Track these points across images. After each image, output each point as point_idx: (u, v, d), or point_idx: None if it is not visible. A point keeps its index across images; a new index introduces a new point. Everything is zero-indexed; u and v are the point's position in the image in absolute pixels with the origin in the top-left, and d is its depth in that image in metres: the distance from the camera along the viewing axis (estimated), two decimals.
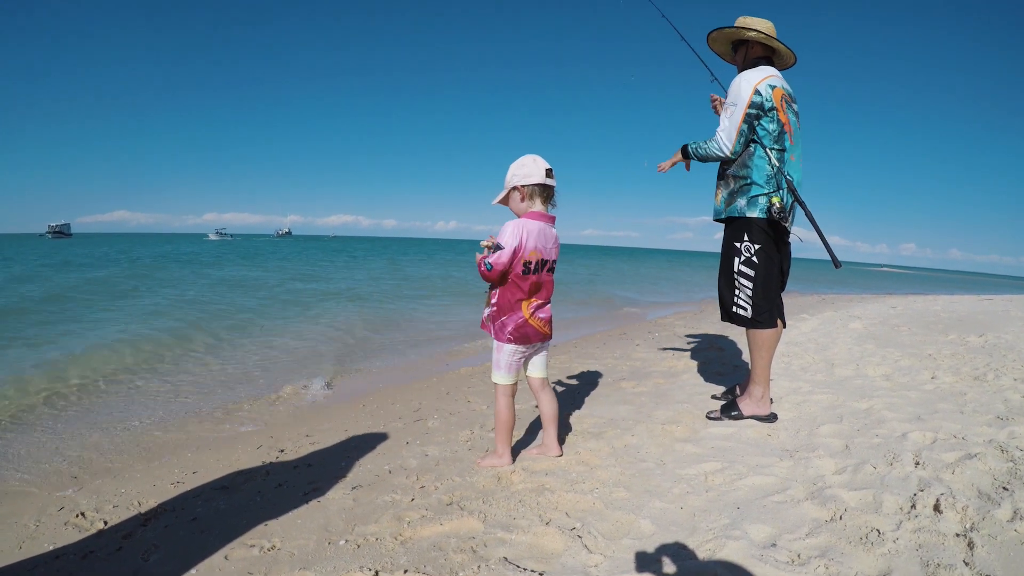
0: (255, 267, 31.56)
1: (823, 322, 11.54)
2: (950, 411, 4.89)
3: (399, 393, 6.57)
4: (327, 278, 25.44)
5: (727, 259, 4.57)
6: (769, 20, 4.46)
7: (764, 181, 4.31)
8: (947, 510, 3.02)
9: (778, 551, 2.69)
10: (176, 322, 11.80)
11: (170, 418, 5.73)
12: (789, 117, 4.38)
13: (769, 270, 4.43)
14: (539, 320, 3.68)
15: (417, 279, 27.16)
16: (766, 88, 4.24)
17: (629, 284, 27.98)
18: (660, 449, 4.05)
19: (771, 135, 4.29)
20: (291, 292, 18.68)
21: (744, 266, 4.44)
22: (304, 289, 19.94)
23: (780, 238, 4.48)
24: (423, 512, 3.17)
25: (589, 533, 2.88)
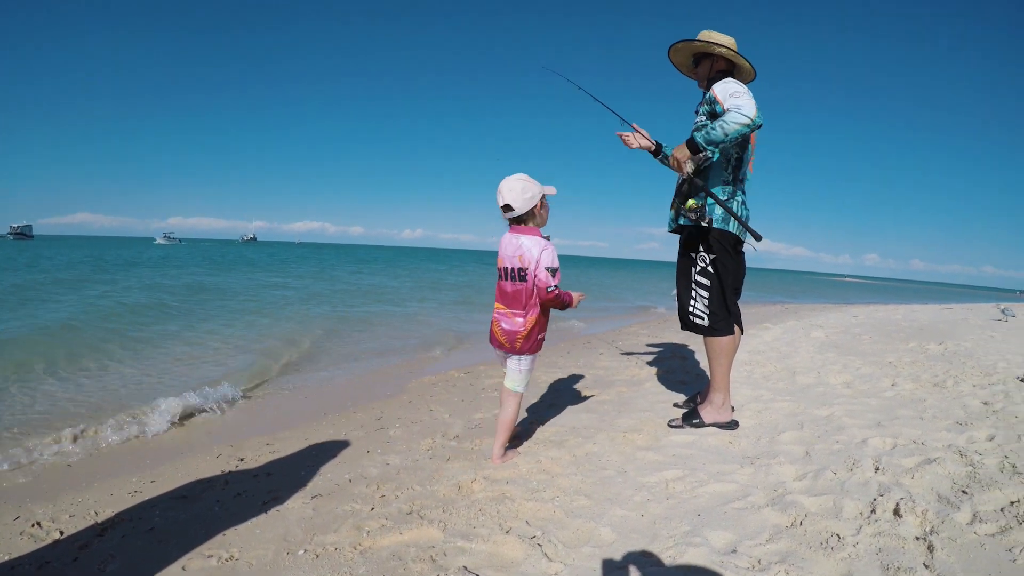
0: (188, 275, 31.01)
1: (786, 331, 11.69)
2: (910, 417, 4.99)
3: (361, 402, 6.52)
4: (286, 285, 25.14)
5: (684, 269, 4.67)
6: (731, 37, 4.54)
7: (719, 191, 4.40)
8: (907, 514, 3.08)
9: (738, 557, 2.72)
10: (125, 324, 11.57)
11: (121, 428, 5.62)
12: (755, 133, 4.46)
13: (725, 279, 4.52)
14: (496, 326, 3.97)
15: (382, 287, 26.97)
16: None
17: (596, 293, 28.08)
18: (622, 457, 4.09)
19: (736, 143, 4.35)
20: (251, 298, 18.41)
21: (700, 276, 4.54)
22: (267, 295, 19.66)
23: (735, 247, 4.57)
24: (383, 521, 3.17)
25: (549, 541, 2.90)
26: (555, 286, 3.77)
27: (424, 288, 26.90)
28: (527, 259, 3.77)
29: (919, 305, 26.97)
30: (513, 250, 3.82)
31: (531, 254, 3.76)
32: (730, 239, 4.47)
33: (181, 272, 29.53)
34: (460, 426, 5.03)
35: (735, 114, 3.98)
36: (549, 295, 3.77)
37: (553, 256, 3.79)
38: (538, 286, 3.79)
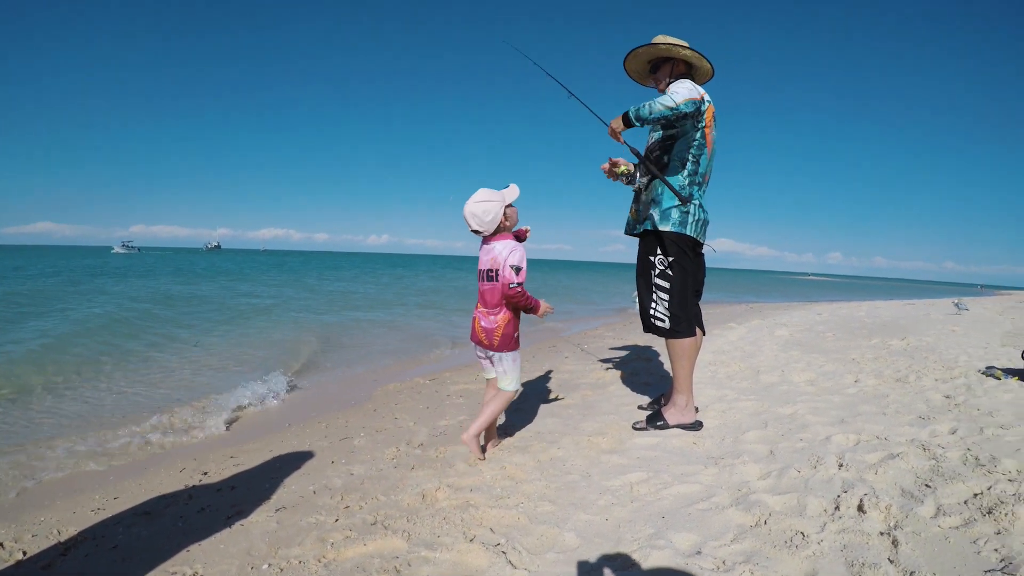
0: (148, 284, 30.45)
1: (750, 330, 11.79)
2: (873, 413, 5.04)
3: (326, 411, 6.46)
4: (252, 293, 24.86)
5: (643, 272, 4.70)
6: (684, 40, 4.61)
7: (676, 194, 4.43)
8: (871, 510, 3.11)
9: (703, 558, 2.72)
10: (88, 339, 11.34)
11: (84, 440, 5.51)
12: (714, 135, 4.55)
13: (684, 281, 4.56)
14: (477, 324, 4.24)
15: (347, 294, 26.78)
16: (707, 101, 4.43)
17: (563, 295, 28.14)
18: (586, 461, 4.08)
19: (692, 145, 4.44)
20: (216, 307, 18.16)
21: (659, 279, 4.57)
22: (229, 304, 19.40)
23: (694, 249, 4.61)
24: (347, 533, 3.14)
25: (514, 548, 2.88)
26: (518, 283, 4.01)
27: (393, 293, 26.81)
28: (498, 260, 4.05)
29: (882, 301, 27.38)
30: (488, 255, 4.12)
31: (501, 256, 4.04)
32: (688, 242, 4.51)
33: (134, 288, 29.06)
34: (425, 434, 5.00)
35: (665, 97, 4.21)
36: (511, 291, 4.02)
37: (520, 257, 4.06)
38: (502, 282, 4.04)
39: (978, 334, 11.74)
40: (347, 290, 29.00)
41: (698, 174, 4.49)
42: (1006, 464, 3.74)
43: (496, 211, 4.01)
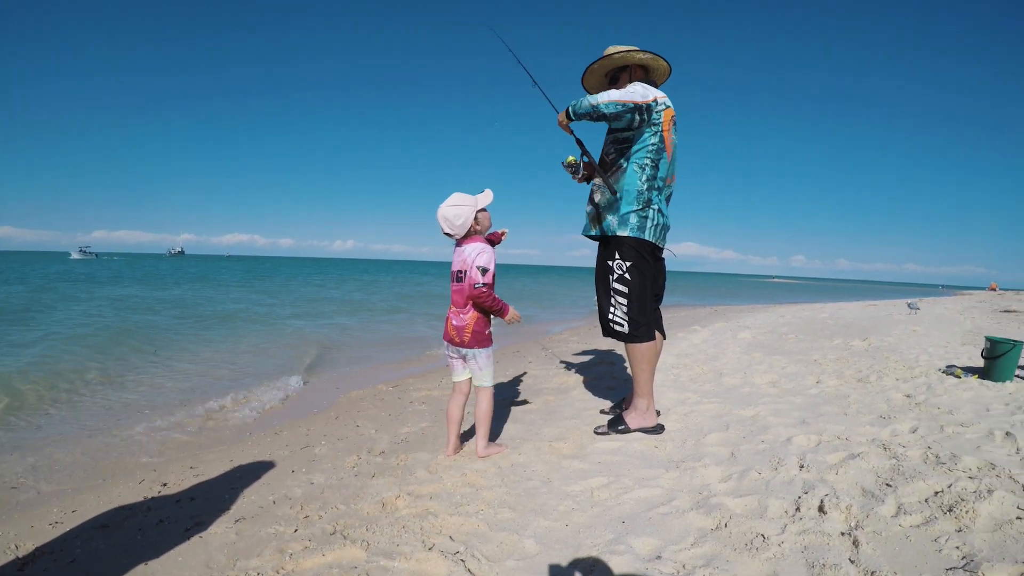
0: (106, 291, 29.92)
1: (714, 333, 11.87)
2: (834, 413, 5.08)
3: (287, 419, 6.37)
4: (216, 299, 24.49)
5: (602, 277, 4.70)
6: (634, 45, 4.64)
7: (633, 198, 4.46)
8: (831, 510, 3.12)
9: (663, 563, 2.70)
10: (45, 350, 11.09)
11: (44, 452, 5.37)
12: (673, 139, 4.55)
13: (643, 286, 4.57)
14: (449, 323, 4.32)
15: (310, 299, 26.54)
16: (661, 104, 4.42)
17: (528, 300, 28.10)
18: (547, 467, 4.05)
19: (649, 150, 4.44)
20: (170, 316, 17.86)
21: (618, 283, 4.57)
22: (186, 311, 19.09)
23: (653, 253, 4.63)
24: (306, 543, 3.09)
25: (473, 556, 2.84)
26: (483, 283, 4.08)
27: (348, 301, 26.58)
28: (467, 262, 4.15)
29: (844, 303, 27.73)
30: (459, 257, 4.23)
31: (470, 257, 4.14)
32: (646, 246, 4.53)
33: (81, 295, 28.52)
34: (386, 441, 4.94)
35: (592, 96, 4.37)
36: (476, 291, 4.08)
37: (487, 259, 4.15)
38: (468, 282, 4.13)
39: (939, 334, 11.92)
40: (316, 296, 28.73)
41: (657, 178, 4.49)
42: (967, 461, 3.78)
43: (467, 215, 4.10)
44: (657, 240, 4.54)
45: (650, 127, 4.41)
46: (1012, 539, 2.77)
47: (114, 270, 54.46)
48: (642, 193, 4.45)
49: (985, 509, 3.06)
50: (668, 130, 4.47)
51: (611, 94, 4.33)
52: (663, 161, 4.49)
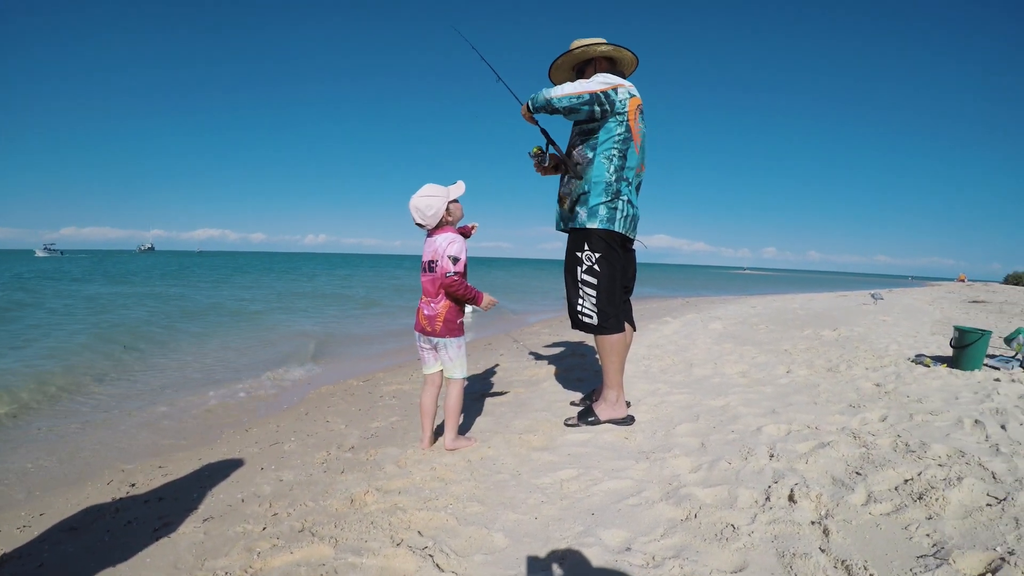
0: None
1: (685, 324, 11.91)
2: (804, 403, 5.11)
3: (257, 416, 6.28)
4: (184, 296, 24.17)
5: (570, 269, 4.68)
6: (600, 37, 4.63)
7: (602, 190, 4.45)
8: (801, 499, 3.12)
9: (632, 555, 2.69)
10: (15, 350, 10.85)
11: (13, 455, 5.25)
12: (640, 128, 4.54)
13: (612, 277, 4.55)
14: (420, 313, 4.32)
15: (284, 294, 26.28)
16: (624, 93, 4.39)
17: (501, 292, 28.06)
18: (516, 460, 4.03)
19: (615, 138, 4.42)
20: (141, 314, 17.55)
21: (586, 275, 4.56)
22: (157, 309, 18.78)
23: (623, 245, 4.62)
24: (274, 541, 3.05)
25: (441, 551, 2.82)
26: (455, 272, 4.08)
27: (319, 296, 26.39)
28: (438, 252, 4.16)
29: (815, 294, 27.99)
30: (429, 247, 4.23)
31: (441, 247, 4.15)
32: (616, 238, 4.52)
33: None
34: (356, 437, 4.89)
35: (552, 89, 4.41)
36: (448, 280, 4.09)
37: (459, 248, 4.15)
38: (440, 271, 4.14)
39: (908, 324, 12.04)
40: (289, 291, 28.45)
41: (626, 169, 4.47)
42: (936, 449, 3.80)
43: (439, 206, 4.11)
44: (627, 231, 4.53)
45: (615, 116, 4.39)
46: (982, 526, 2.79)
47: (84, 268, 53.55)
48: (611, 184, 4.44)
49: (955, 496, 3.08)
50: (634, 119, 4.45)
51: (566, 87, 4.34)
52: (631, 151, 4.48)
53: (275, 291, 27.99)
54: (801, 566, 2.51)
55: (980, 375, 6.30)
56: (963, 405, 4.99)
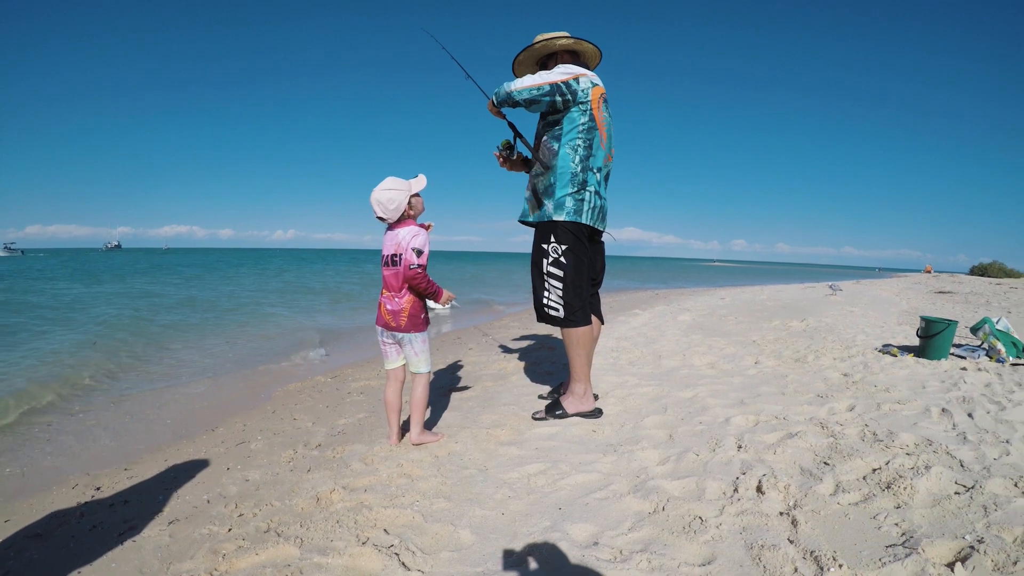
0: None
1: (654, 316, 11.95)
2: (772, 393, 5.13)
3: (224, 415, 6.19)
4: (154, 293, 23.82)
5: (537, 261, 4.66)
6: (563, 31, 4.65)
7: (568, 181, 4.44)
8: (769, 490, 3.11)
9: (599, 549, 2.66)
10: None
11: None
12: (605, 118, 4.53)
13: (578, 269, 4.54)
14: (383, 308, 4.26)
15: (254, 291, 25.97)
16: (586, 82, 4.39)
17: (470, 286, 28.00)
18: (484, 455, 4.00)
19: (579, 128, 4.42)
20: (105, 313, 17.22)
21: (553, 267, 4.54)
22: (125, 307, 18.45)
23: (591, 237, 4.62)
24: (240, 542, 3.00)
25: (407, 549, 2.78)
26: (418, 264, 4.06)
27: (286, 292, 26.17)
28: (402, 245, 4.11)
29: (784, 285, 28.21)
30: (392, 240, 4.17)
31: (404, 240, 4.10)
32: (583, 230, 4.51)
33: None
34: (323, 434, 4.84)
35: (512, 82, 4.47)
36: (411, 272, 4.05)
37: (423, 241, 4.13)
38: (404, 264, 4.09)
39: (875, 314, 12.16)
40: (260, 287, 28.12)
41: (591, 158, 4.46)
42: (903, 438, 3.82)
43: (401, 200, 4.07)
44: (594, 223, 4.52)
45: (577, 106, 4.39)
46: (951, 514, 2.80)
47: (47, 267, 52.55)
48: (576, 175, 4.43)
49: (923, 485, 3.09)
50: (598, 108, 4.45)
51: (526, 79, 4.37)
52: (596, 140, 4.47)
53: (245, 287, 27.70)
54: (770, 558, 2.50)
55: (947, 364, 6.36)
56: (930, 394, 5.04)
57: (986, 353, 6.85)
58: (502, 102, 4.48)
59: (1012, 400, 4.82)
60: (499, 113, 4.66)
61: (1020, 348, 6.86)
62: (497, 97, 4.50)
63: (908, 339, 8.14)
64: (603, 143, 4.52)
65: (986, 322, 7.21)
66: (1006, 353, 6.72)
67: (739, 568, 2.48)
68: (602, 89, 4.50)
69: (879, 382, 5.46)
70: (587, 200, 4.44)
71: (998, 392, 5.13)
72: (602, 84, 4.52)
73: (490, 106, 4.63)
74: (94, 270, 44.55)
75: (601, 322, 5.00)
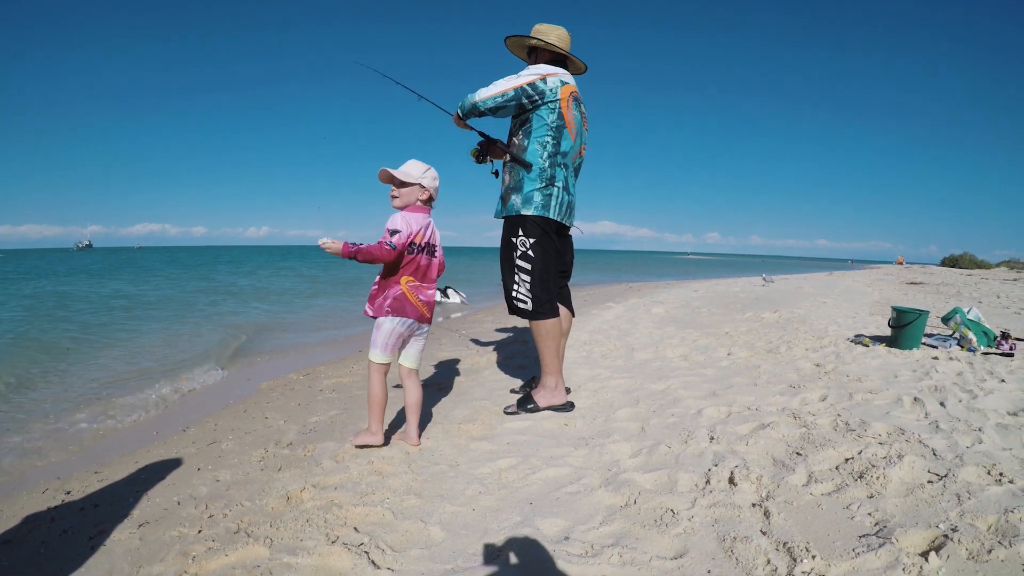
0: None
1: (628, 309, 11.98)
2: (744, 384, 5.14)
3: (195, 415, 6.10)
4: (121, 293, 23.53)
5: (506, 255, 4.68)
6: (563, 28, 4.70)
7: (536, 176, 4.48)
8: (741, 482, 3.11)
9: (571, 544, 2.64)
10: None
11: None
12: (575, 116, 4.57)
13: (546, 262, 4.57)
14: (419, 301, 4.02)
15: (227, 290, 25.74)
16: (555, 81, 4.43)
17: (444, 280, 27.99)
18: (455, 450, 3.98)
19: (548, 125, 4.46)
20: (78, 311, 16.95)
21: (521, 260, 4.57)
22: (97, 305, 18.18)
23: (558, 231, 4.66)
24: (209, 544, 2.95)
25: (377, 547, 2.75)
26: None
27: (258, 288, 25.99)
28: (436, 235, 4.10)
29: (757, 277, 28.40)
30: (429, 228, 4.03)
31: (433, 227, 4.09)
32: (551, 224, 4.56)
33: None
34: (294, 432, 4.78)
35: (477, 92, 4.48)
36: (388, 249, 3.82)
37: None
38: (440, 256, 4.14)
39: (848, 305, 12.25)
40: (232, 285, 27.88)
41: (559, 155, 4.51)
42: (876, 428, 3.83)
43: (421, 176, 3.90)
44: (562, 218, 4.56)
45: (546, 105, 4.43)
46: (924, 503, 2.81)
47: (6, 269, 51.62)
48: (544, 170, 4.47)
49: (896, 475, 3.09)
50: (567, 107, 4.49)
51: (490, 88, 4.42)
52: (564, 138, 4.52)
53: (219, 286, 27.46)
54: (742, 550, 2.49)
55: (918, 354, 6.42)
56: (902, 383, 5.07)
57: (957, 342, 6.91)
58: (468, 114, 4.51)
59: (984, 388, 4.87)
60: (465, 125, 4.67)
61: (991, 337, 6.94)
62: (462, 110, 4.52)
63: (880, 329, 8.21)
64: (572, 140, 4.56)
65: (957, 312, 7.28)
66: (977, 342, 6.79)
67: (711, 561, 2.46)
68: (572, 87, 4.55)
69: (851, 372, 5.49)
70: (555, 196, 4.48)
71: (970, 381, 5.17)
72: (573, 83, 4.57)
73: (456, 120, 4.64)
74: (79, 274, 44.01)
75: (572, 314, 5.02)
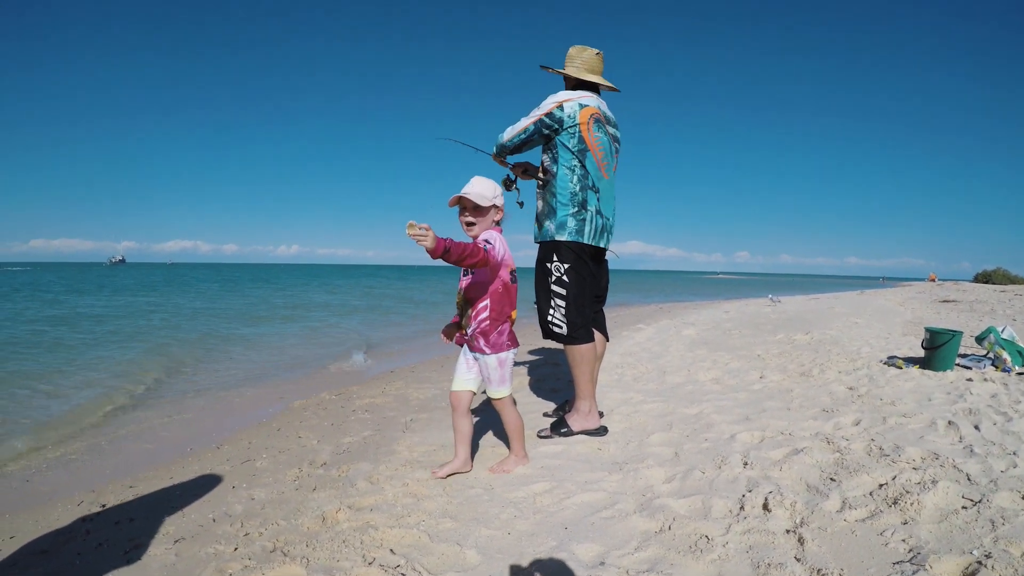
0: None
1: (658, 331, 11.95)
2: (777, 409, 5.12)
3: (228, 432, 6.18)
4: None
5: (541, 280, 4.73)
6: (593, 49, 4.74)
7: (568, 201, 4.52)
8: (776, 508, 3.11)
9: (606, 569, 2.66)
10: None
11: None
12: (598, 137, 4.59)
13: (581, 288, 4.61)
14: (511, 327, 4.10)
15: (252, 306, 25.94)
16: (573, 107, 4.47)
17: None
18: (489, 474, 4.00)
19: (571, 151, 4.50)
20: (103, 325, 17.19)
21: (556, 285, 4.61)
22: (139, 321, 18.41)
23: (593, 256, 4.69)
24: (246, 562, 2.99)
25: (413, 569, 2.78)
26: None
27: (291, 308, 26.15)
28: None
29: (788, 296, 28.18)
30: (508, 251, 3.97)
31: None
32: (586, 250, 4.59)
33: None
34: (328, 452, 4.83)
35: (504, 132, 4.66)
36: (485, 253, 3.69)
37: None
38: None
39: (880, 325, 12.14)
40: (254, 300, 28.13)
41: (588, 177, 4.55)
42: (910, 452, 3.81)
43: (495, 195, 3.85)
44: (596, 242, 4.59)
45: (566, 131, 4.49)
46: (958, 529, 2.79)
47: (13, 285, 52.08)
48: (576, 195, 4.51)
49: (930, 500, 3.08)
50: (587, 129, 4.52)
51: (515, 126, 4.57)
52: (589, 161, 4.54)
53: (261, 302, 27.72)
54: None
55: (952, 375, 6.36)
56: (936, 406, 5.04)
57: (992, 363, 6.84)
58: (501, 151, 4.68)
59: (1018, 411, 4.82)
60: (503, 162, 4.80)
61: None
62: (497, 149, 4.71)
63: (913, 350, 8.14)
64: (598, 162, 4.59)
65: (991, 331, 7.21)
66: (1012, 362, 6.71)
67: None
68: (593, 109, 4.55)
69: (885, 395, 5.46)
70: (588, 220, 4.51)
71: (1004, 403, 5.12)
72: (595, 104, 4.59)
73: (494, 158, 4.80)
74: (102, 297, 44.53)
75: (606, 339, 5.04)
